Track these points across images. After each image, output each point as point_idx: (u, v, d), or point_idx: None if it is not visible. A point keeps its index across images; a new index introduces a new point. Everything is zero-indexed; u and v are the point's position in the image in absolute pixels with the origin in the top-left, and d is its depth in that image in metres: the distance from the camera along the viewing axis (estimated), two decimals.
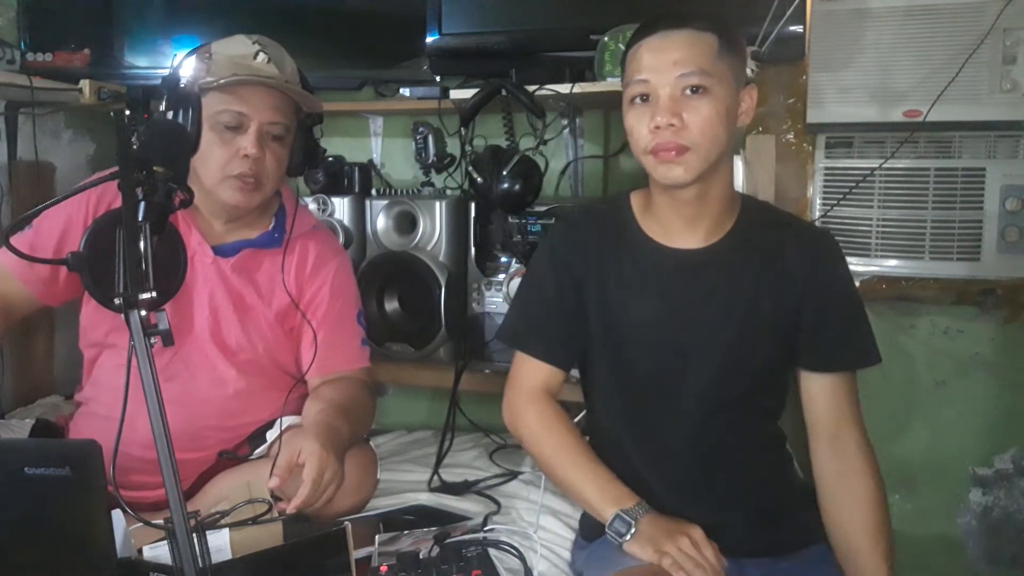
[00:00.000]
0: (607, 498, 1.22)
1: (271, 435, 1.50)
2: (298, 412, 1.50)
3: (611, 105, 2.00)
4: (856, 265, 1.79)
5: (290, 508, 1.21)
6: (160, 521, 0.94)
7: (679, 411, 1.26)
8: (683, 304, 1.25)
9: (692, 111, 1.14)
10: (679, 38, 1.15)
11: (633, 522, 1.17)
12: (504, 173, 1.75)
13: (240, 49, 1.44)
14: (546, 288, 1.33)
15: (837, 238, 1.32)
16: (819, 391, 1.27)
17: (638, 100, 1.18)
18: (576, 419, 1.35)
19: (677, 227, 1.26)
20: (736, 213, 1.27)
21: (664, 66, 1.15)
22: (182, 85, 1.39)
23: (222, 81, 1.38)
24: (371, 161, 2.27)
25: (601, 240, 1.30)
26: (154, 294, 0.95)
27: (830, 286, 1.25)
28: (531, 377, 1.34)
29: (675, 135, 1.15)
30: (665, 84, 1.15)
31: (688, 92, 1.15)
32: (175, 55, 1.62)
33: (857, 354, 1.27)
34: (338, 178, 2.13)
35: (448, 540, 1.34)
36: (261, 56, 1.43)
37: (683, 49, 1.15)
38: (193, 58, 1.43)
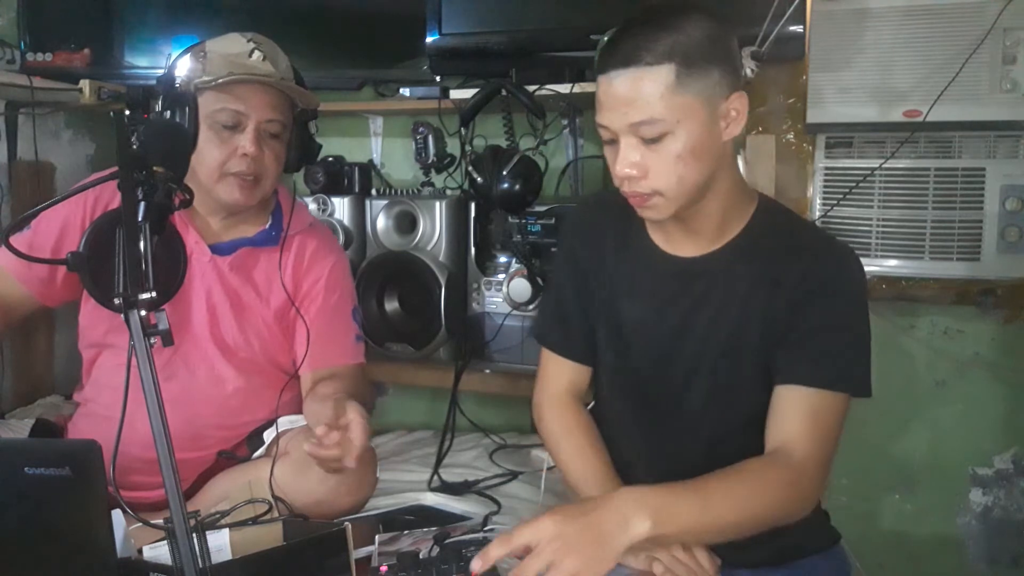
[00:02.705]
0: None
1: (268, 435, 1.50)
2: (295, 412, 1.50)
3: None
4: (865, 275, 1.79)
5: (349, 460, 1.19)
6: (160, 521, 0.94)
7: (675, 417, 1.24)
8: (674, 313, 1.21)
9: (652, 156, 1.07)
10: (628, 79, 1.05)
11: None
12: (504, 173, 1.75)
13: (235, 47, 1.43)
14: (564, 283, 1.32)
15: (837, 238, 1.28)
16: (777, 403, 1.14)
17: (606, 141, 1.13)
18: (587, 407, 1.34)
19: (677, 235, 1.22)
20: (746, 220, 1.19)
21: (617, 112, 1.07)
22: (177, 84, 1.39)
23: (220, 80, 1.38)
24: (371, 161, 2.27)
25: (608, 234, 1.28)
26: (154, 294, 0.95)
27: (822, 300, 1.14)
28: (555, 376, 1.33)
29: (636, 185, 1.09)
30: (621, 131, 1.08)
31: (644, 140, 1.07)
32: (171, 54, 1.62)
33: (835, 373, 1.12)
34: (338, 178, 2.14)
35: (448, 540, 1.34)
36: (256, 54, 1.43)
37: (633, 92, 1.05)
38: (187, 57, 1.43)
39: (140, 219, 0.97)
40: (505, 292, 1.90)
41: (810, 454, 1.11)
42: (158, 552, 1.05)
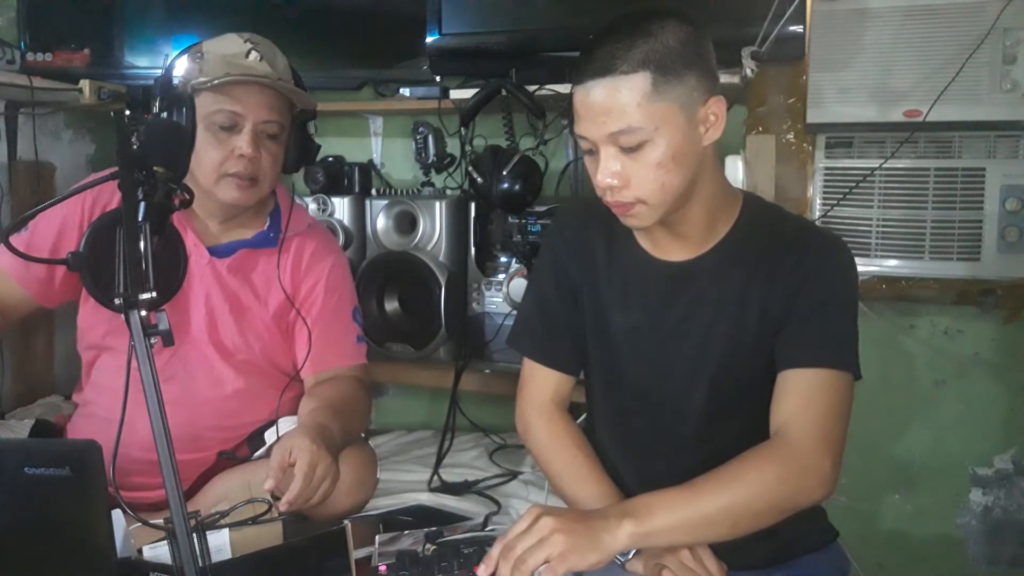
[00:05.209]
0: None
1: (269, 436, 1.50)
2: (296, 412, 1.50)
3: None
4: (856, 265, 1.79)
5: (283, 504, 1.20)
6: (160, 521, 0.94)
7: (677, 424, 1.23)
8: (668, 318, 1.20)
9: (632, 165, 1.07)
10: (605, 89, 1.04)
11: None
12: (504, 173, 1.76)
13: (232, 48, 1.43)
14: (547, 292, 1.30)
15: (824, 228, 1.27)
16: (776, 391, 1.14)
17: (585, 151, 1.13)
18: (577, 421, 1.34)
19: (664, 241, 1.21)
20: (733, 220, 1.19)
21: (595, 123, 1.06)
22: (175, 85, 1.39)
23: (216, 81, 1.38)
24: (371, 161, 2.28)
25: (595, 243, 1.26)
26: (154, 294, 0.95)
27: (813, 286, 1.13)
28: (540, 386, 1.31)
29: (618, 195, 1.09)
30: (600, 141, 1.08)
31: (623, 149, 1.07)
32: (170, 55, 1.63)
33: (826, 351, 1.12)
34: (338, 178, 2.14)
35: (440, 539, 1.33)
36: (253, 54, 1.43)
37: (610, 101, 1.04)
38: (184, 58, 1.42)
39: (140, 219, 0.97)
40: (505, 292, 1.90)
41: (807, 431, 1.08)
42: (158, 552, 1.05)
